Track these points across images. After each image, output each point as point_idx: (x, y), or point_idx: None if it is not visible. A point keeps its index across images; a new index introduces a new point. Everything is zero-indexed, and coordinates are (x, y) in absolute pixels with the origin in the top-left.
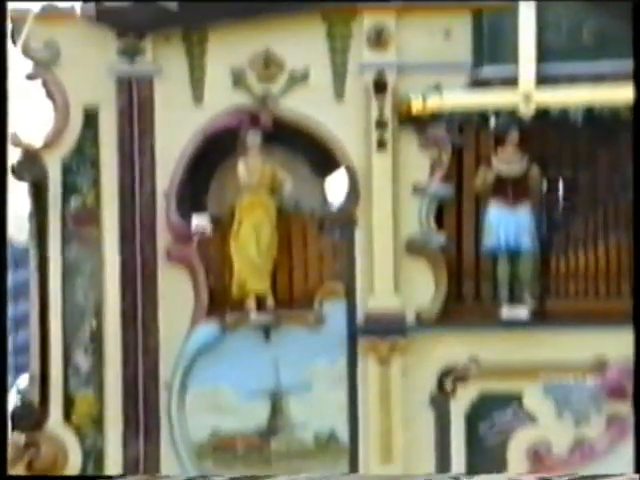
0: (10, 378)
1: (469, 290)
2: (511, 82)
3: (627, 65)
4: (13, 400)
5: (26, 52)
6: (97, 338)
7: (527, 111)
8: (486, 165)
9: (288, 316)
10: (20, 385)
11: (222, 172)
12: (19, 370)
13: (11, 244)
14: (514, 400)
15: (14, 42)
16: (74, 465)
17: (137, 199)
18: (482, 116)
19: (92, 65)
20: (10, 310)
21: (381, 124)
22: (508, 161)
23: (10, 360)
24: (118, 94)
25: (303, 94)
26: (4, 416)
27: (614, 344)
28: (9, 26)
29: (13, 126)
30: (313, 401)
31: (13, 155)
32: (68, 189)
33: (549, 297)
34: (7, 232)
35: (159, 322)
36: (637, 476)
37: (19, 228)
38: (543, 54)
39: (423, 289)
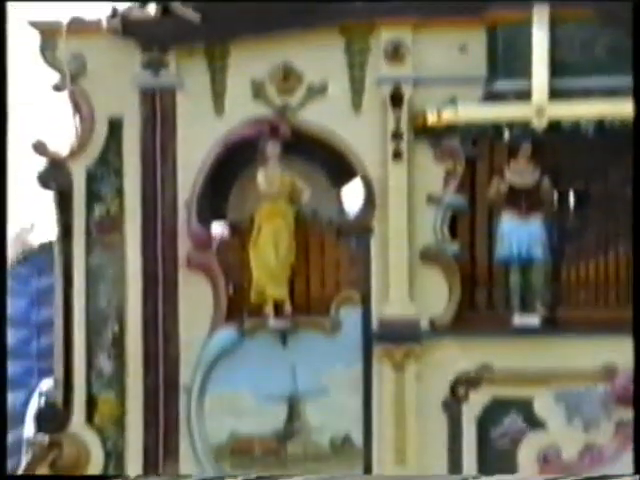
0: (33, 382)
1: (482, 298)
2: (525, 96)
3: (637, 79)
4: (36, 403)
5: (53, 64)
6: (119, 342)
7: (540, 124)
8: (499, 176)
9: (305, 322)
10: (43, 388)
11: (242, 181)
12: (42, 374)
13: (34, 251)
14: (525, 406)
15: (43, 55)
16: (96, 465)
17: (159, 207)
18: (496, 129)
19: (117, 77)
20: (34, 316)
21: (397, 135)
22: (521, 173)
23: (33, 365)
24: (142, 105)
25: (321, 106)
26: (4, 417)
27: (623, 352)
28: (39, 35)
29: (39, 135)
30: (329, 405)
31: (39, 164)
32: (92, 197)
33: (560, 305)
34: (7, 233)
35: (179, 327)
36: (637, 477)
37: (42, 236)
38: (556, 69)
39: (437, 297)
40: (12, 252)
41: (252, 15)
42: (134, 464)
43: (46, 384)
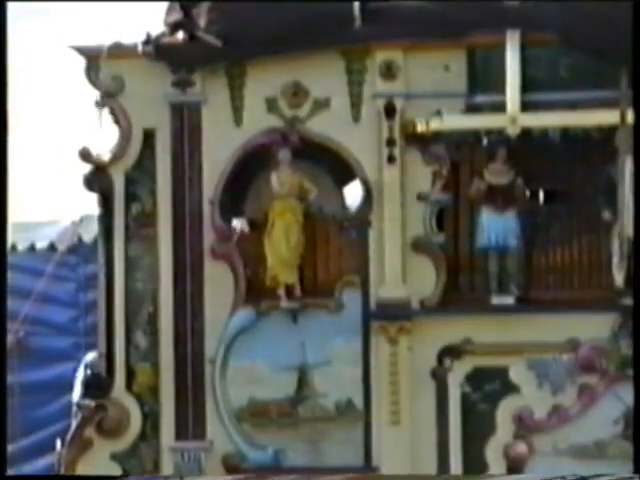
0: (80, 355)
1: (465, 282)
2: (500, 108)
3: (597, 94)
4: (82, 373)
5: (96, 84)
6: (153, 320)
7: (513, 132)
8: (479, 177)
9: (313, 303)
10: (88, 360)
11: (258, 183)
12: (88, 348)
13: (83, 242)
14: (502, 373)
15: (87, 76)
16: (135, 426)
17: (187, 205)
18: (475, 136)
19: (151, 95)
20: (81, 298)
21: (391, 142)
22: (498, 174)
23: (81, 340)
24: (172, 118)
25: (325, 118)
26: (4, 417)
27: (586, 327)
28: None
29: (84, 144)
30: (333, 374)
31: (84, 169)
32: (130, 197)
33: (532, 287)
34: (7, 233)
35: (205, 308)
36: (637, 476)
37: (89, 228)
38: (526, 84)
39: (426, 281)
40: (64, 243)
41: (266, 40)
42: (167, 425)
43: (91, 356)
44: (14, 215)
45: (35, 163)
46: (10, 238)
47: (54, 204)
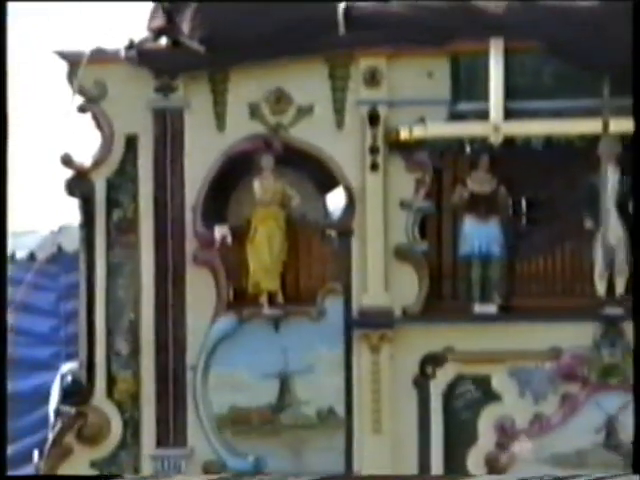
0: (61, 364)
1: (447, 289)
2: (483, 116)
3: (580, 103)
4: (58, 383)
5: (78, 89)
6: (135, 328)
7: (496, 140)
8: (462, 185)
9: (295, 310)
10: (64, 371)
11: (240, 189)
12: (68, 358)
13: (63, 252)
14: (484, 382)
15: (69, 81)
16: (115, 433)
17: (169, 212)
18: (459, 144)
19: (133, 100)
20: (62, 307)
21: (374, 150)
22: (480, 182)
23: (62, 350)
24: (154, 124)
25: (309, 125)
26: (4, 417)
27: (568, 335)
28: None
29: (66, 149)
30: (315, 382)
31: (65, 174)
32: (112, 203)
33: (514, 296)
34: (7, 235)
35: (187, 315)
36: (636, 477)
37: (69, 238)
38: (510, 92)
39: (408, 288)
40: (43, 253)
41: (249, 46)
42: (148, 432)
43: (67, 367)
44: None
45: (13, 172)
46: None
47: (33, 213)
